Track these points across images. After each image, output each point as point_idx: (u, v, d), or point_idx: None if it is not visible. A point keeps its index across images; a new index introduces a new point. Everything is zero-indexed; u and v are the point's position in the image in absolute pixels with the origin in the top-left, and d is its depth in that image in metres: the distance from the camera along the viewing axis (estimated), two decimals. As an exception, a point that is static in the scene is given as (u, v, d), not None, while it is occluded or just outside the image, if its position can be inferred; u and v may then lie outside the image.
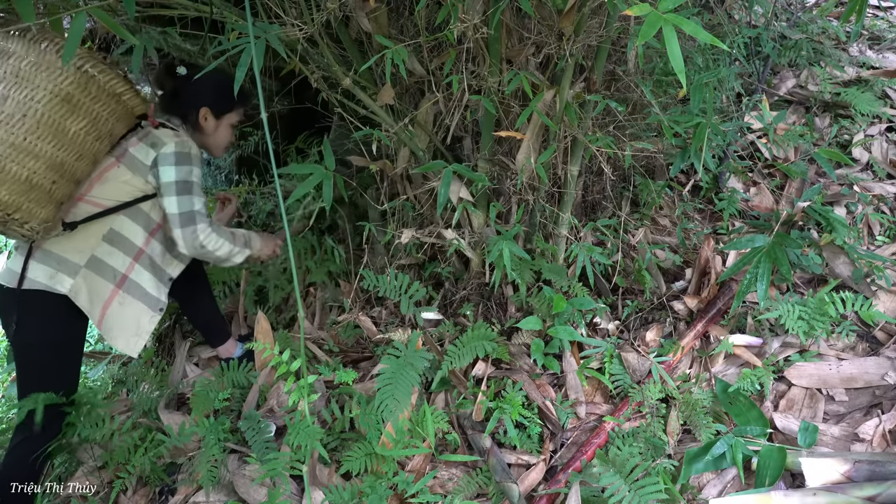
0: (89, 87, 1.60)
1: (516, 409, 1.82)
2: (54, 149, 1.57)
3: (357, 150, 2.19)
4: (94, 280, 1.77)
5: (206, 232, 1.81)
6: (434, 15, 1.78)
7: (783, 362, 1.93)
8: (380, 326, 2.32)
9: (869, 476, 1.51)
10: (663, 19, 1.09)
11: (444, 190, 1.80)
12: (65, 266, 1.73)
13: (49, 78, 1.53)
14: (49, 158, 1.56)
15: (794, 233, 2.26)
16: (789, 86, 3.06)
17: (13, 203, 1.53)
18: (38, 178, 1.56)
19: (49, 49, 1.53)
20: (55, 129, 1.56)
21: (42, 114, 1.53)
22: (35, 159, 1.54)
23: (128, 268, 1.82)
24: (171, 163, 1.77)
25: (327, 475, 1.77)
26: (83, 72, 1.58)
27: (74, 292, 1.73)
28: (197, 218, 1.80)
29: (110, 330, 1.81)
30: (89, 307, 1.76)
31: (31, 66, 1.51)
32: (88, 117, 1.62)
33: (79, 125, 1.61)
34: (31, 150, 1.52)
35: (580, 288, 2.07)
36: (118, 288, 1.81)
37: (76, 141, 1.62)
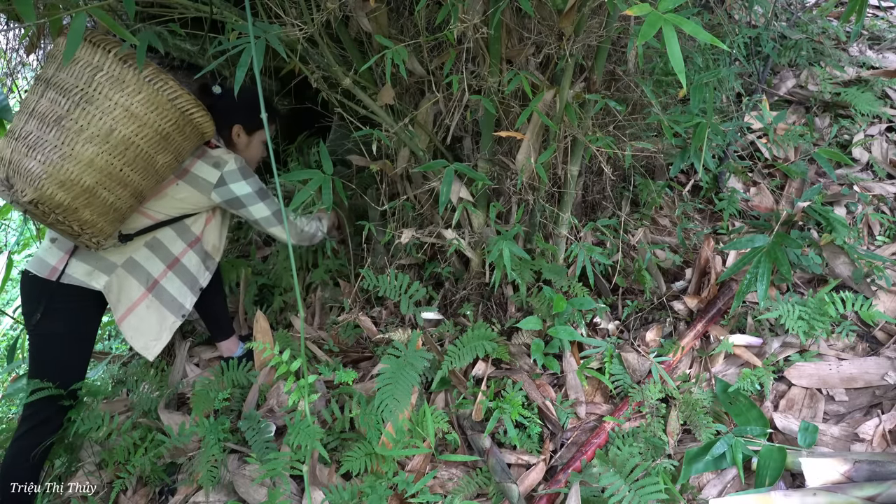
0: (186, 128, 1.71)
1: (516, 409, 1.82)
2: (141, 178, 1.67)
3: (357, 150, 2.19)
4: (126, 279, 1.86)
5: (300, 225, 2.07)
6: (434, 15, 1.78)
7: (783, 362, 1.93)
8: (380, 326, 2.32)
9: (869, 476, 1.51)
10: (663, 19, 1.09)
11: (445, 189, 1.80)
12: (102, 264, 1.82)
13: (157, 118, 1.62)
14: (135, 187, 1.67)
15: (794, 233, 2.26)
16: (789, 86, 3.06)
17: (92, 222, 1.63)
18: (120, 203, 1.66)
19: (163, 90, 1.62)
20: (147, 162, 1.66)
21: (142, 149, 1.62)
22: (124, 188, 1.64)
23: (160, 274, 1.92)
24: (240, 178, 1.90)
25: (327, 475, 1.77)
26: (186, 115, 1.68)
27: (107, 289, 1.82)
28: (283, 214, 1.91)
29: (132, 330, 1.88)
30: (116, 304, 1.86)
31: (143, 104, 1.60)
32: (175, 152, 1.73)
33: (166, 159, 1.71)
34: (123, 180, 1.63)
35: (580, 288, 2.07)
36: (148, 292, 1.90)
37: (160, 172, 1.72)
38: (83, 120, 1.54)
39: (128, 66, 1.59)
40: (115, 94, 1.56)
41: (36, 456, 1.81)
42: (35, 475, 1.83)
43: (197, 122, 1.73)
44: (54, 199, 1.52)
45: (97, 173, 1.56)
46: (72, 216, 1.57)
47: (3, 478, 1.78)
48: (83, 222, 1.61)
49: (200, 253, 2.00)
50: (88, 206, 1.58)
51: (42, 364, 1.83)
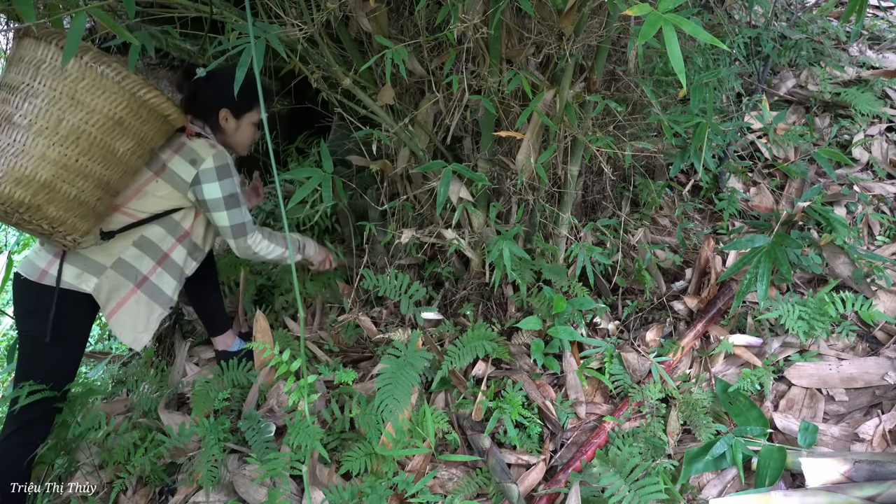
0: (141, 111, 1.65)
1: (516, 409, 1.82)
2: (103, 168, 1.62)
3: (357, 150, 2.19)
4: (116, 279, 1.83)
5: (258, 240, 1.93)
6: (434, 15, 1.78)
7: (783, 362, 1.93)
8: (380, 326, 2.32)
9: (869, 476, 1.51)
10: (663, 19, 1.09)
11: (443, 189, 1.80)
12: (91, 266, 1.80)
13: (105, 103, 1.57)
14: (98, 178, 1.62)
15: (794, 233, 2.26)
16: (789, 86, 3.06)
17: (60, 218, 1.59)
18: (85, 196, 1.61)
19: (106, 73, 1.56)
20: (106, 150, 1.61)
21: (95, 136, 1.58)
22: (85, 179, 1.59)
23: (150, 270, 1.89)
24: (214, 178, 1.82)
25: (327, 475, 1.77)
26: (137, 97, 1.62)
27: (97, 291, 1.79)
28: (247, 228, 1.90)
29: (120, 325, 1.86)
30: (105, 302, 1.83)
31: (88, 90, 1.55)
32: (136, 138, 1.67)
33: (127, 146, 1.65)
34: (82, 171, 1.58)
35: (580, 288, 2.07)
36: (137, 288, 1.87)
37: (123, 160, 1.67)
38: (31, 114, 1.51)
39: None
40: (58, 83, 1.52)
41: (25, 458, 1.79)
42: (24, 476, 1.81)
43: (151, 103, 1.65)
44: (13, 197, 1.49)
45: (52, 166, 1.53)
46: (37, 214, 1.54)
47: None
48: (51, 220, 1.57)
49: (189, 245, 1.96)
50: (51, 201, 1.55)
51: (30, 366, 1.81)
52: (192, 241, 1.96)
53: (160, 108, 1.69)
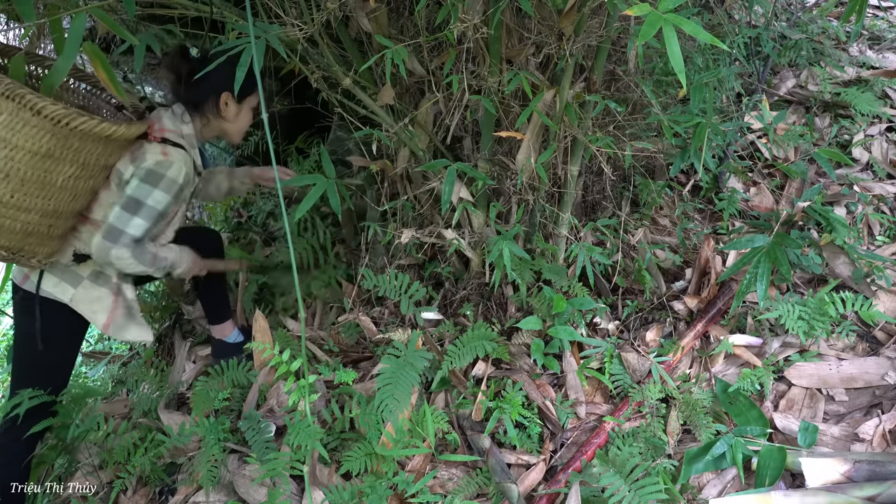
0: (70, 140, 1.52)
1: (516, 409, 1.82)
2: (44, 200, 1.57)
3: (357, 150, 2.19)
4: (95, 290, 1.82)
5: (122, 255, 1.72)
6: (434, 15, 1.78)
7: (783, 362, 1.93)
8: (380, 326, 2.32)
9: (869, 476, 1.51)
10: (663, 19, 1.09)
11: (447, 189, 1.80)
12: (69, 276, 1.79)
13: (26, 137, 1.46)
14: (41, 209, 1.57)
15: (794, 233, 2.26)
16: (789, 86, 3.06)
17: (15, 247, 1.60)
18: (33, 227, 1.59)
19: (22, 106, 1.43)
20: (41, 183, 1.54)
21: (25, 172, 1.50)
22: (27, 212, 1.55)
23: (117, 275, 1.86)
24: (139, 177, 1.70)
25: (327, 475, 1.77)
26: (61, 126, 1.48)
27: (76, 302, 1.79)
28: (122, 239, 1.71)
29: (119, 329, 1.86)
30: (92, 315, 1.82)
31: (5, 127, 1.44)
32: (76, 164, 1.58)
33: (66, 174, 1.58)
34: (21, 206, 1.53)
35: (580, 288, 2.07)
36: (116, 295, 1.86)
37: (66, 187, 1.60)
38: None
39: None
40: None
41: (23, 458, 1.82)
42: (21, 476, 1.83)
43: (82, 129, 1.51)
44: None
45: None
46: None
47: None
48: (6, 248, 1.58)
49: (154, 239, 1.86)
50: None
51: (19, 371, 1.83)
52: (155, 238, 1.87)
53: (96, 132, 1.54)
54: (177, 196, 1.77)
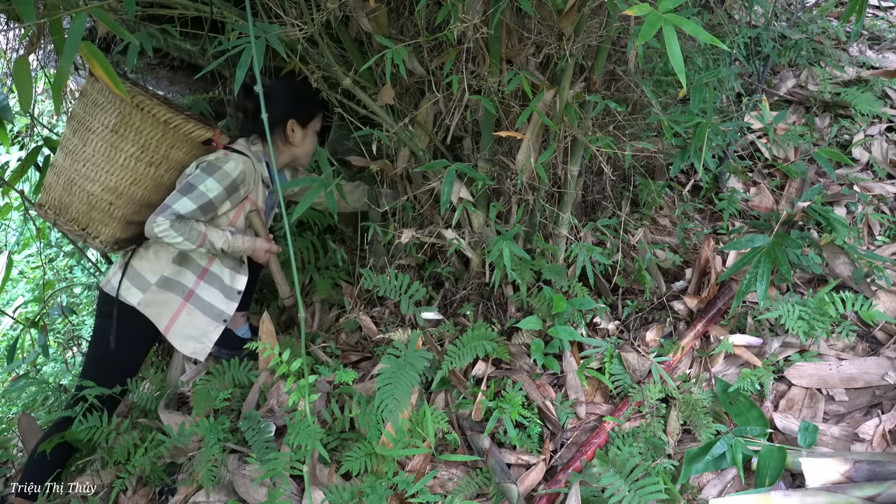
0: (132, 117, 1.79)
1: (516, 409, 1.82)
2: (107, 174, 1.83)
3: (357, 150, 2.19)
4: (163, 295, 1.96)
5: (164, 224, 1.79)
6: (434, 15, 1.78)
7: (783, 362, 1.93)
8: (380, 326, 2.32)
9: (869, 476, 1.51)
10: (663, 19, 1.09)
11: (447, 189, 1.80)
12: (138, 281, 1.95)
13: (101, 112, 1.79)
14: (103, 182, 1.83)
15: (794, 233, 2.26)
16: (789, 86, 3.06)
17: (82, 219, 1.88)
18: (95, 199, 1.85)
19: (102, 88, 1.77)
20: (107, 156, 1.82)
21: (97, 143, 1.81)
22: (92, 182, 1.83)
23: (194, 284, 1.99)
24: (198, 167, 1.89)
25: (327, 475, 1.77)
26: (123, 101, 1.77)
27: (143, 305, 1.95)
28: (166, 212, 1.81)
29: (178, 337, 2.00)
30: (157, 318, 1.97)
31: (92, 105, 1.80)
32: (136, 144, 1.82)
33: (128, 152, 1.82)
34: (88, 175, 1.83)
35: (580, 288, 2.07)
36: (186, 301, 1.99)
37: (127, 167, 1.83)
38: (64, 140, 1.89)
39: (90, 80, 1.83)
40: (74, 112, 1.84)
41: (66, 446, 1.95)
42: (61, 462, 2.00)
43: (142, 107, 1.78)
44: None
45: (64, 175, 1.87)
46: (63, 214, 1.89)
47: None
48: (76, 221, 1.88)
49: (229, 261, 2.04)
50: (70, 204, 1.87)
51: (90, 361, 2.01)
52: (229, 255, 2.02)
53: (153, 113, 1.80)
54: (229, 191, 1.90)
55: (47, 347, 2.78)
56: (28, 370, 2.99)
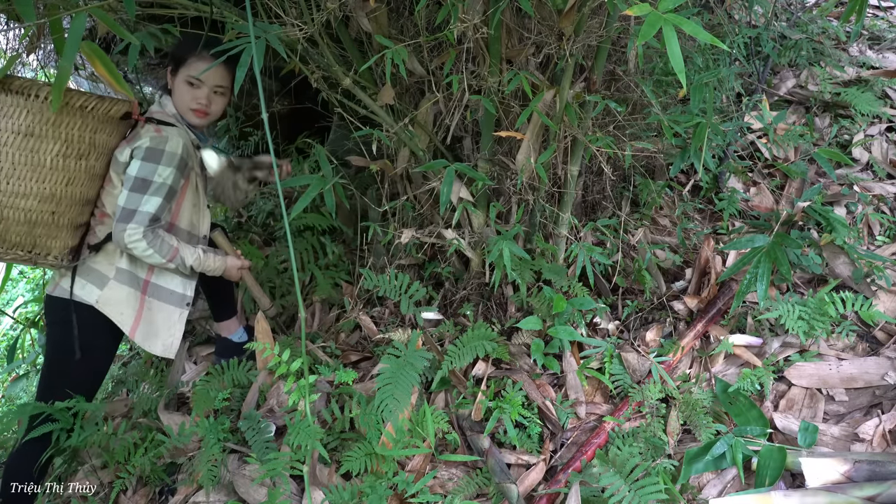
0: (44, 113, 1.57)
1: (516, 409, 1.82)
2: (38, 183, 1.61)
3: (357, 150, 2.19)
4: (121, 290, 1.80)
5: (135, 235, 1.69)
6: (434, 15, 1.78)
7: (783, 362, 1.93)
8: (380, 326, 2.32)
9: (869, 476, 1.51)
10: (663, 19, 1.09)
11: (446, 189, 1.80)
12: (93, 277, 1.79)
13: (6, 119, 1.54)
14: (37, 194, 1.61)
15: (794, 233, 2.26)
16: (789, 86, 3.06)
17: (26, 242, 1.65)
18: (35, 215, 1.63)
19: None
20: (31, 165, 1.59)
21: (14, 154, 1.56)
22: (24, 198, 1.60)
23: (148, 273, 1.85)
24: (140, 157, 1.71)
25: (327, 475, 1.77)
26: (30, 99, 1.54)
27: (102, 303, 1.77)
28: (136, 217, 1.69)
29: (145, 338, 1.85)
30: (120, 318, 1.80)
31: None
32: (58, 141, 1.61)
33: (52, 152, 1.61)
34: (17, 191, 1.59)
35: (580, 288, 2.07)
36: (144, 295, 1.84)
37: (57, 167, 1.63)
38: None
39: None
40: None
41: (37, 459, 1.79)
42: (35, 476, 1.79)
43: (50, 99, 1.53)
44: None
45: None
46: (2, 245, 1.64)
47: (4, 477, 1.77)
48: (20, 246, 1.65)
49: (182, 235, 1.86)
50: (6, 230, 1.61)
51: (53, 375, 1.81)
52: (180, 228, 1.86)
53: (65, 103, 1.58)
54: (181, 169, 1.76)
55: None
56: (28, 370, 2.99)
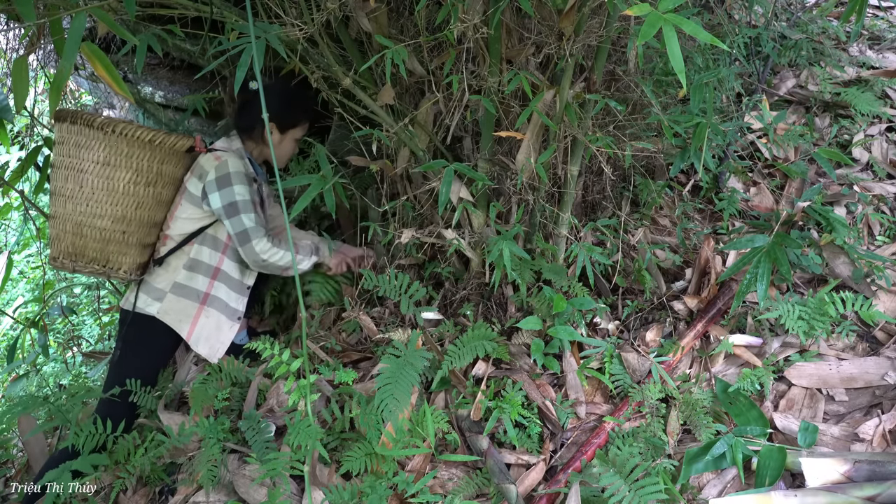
0: (119, 146, 1.88)
1: (516, 409, 1.82)
2: (112, 205, 1.91)
3: (357, 150, 2.19)
4: (179, 302, 2.04)
5: (263, 246, 1.99)
6: (434, 15, 1.78)
7: (783, 362, 1.93)
8: (380, 326, 2.32)
9: (869, 476, 1.51)
10: (663, 19, 1.09)
11: (445, 189, 1.80)
12: (153, 292, 2.05)
13: (87, 151, 1.87)
14: (111, 214, 1.92)
15: (794, 233, 2.26)
16: (789, 86, 3.06)
17: (101, 258, 1.95)
18: (108, 233, 1.93)
19: (81, 129, 1.87)
20: (107, 189, 1.90)
21: (93, 180, 1.88)
22: (101, 218, 1.91)
23: (208, 286, 2.07)
24: (215, 189, 1.95)
25: (327, 475, 1.77)
26: (108, 133, 1.86)
27: (162, 313, 2.04)
28: (251, 234, 1.98)
29: (197, 340, 2.07)
30: (178, 325, 2.05)
31: (75, 147, 1.88)
32: (130, 169, 1.91)
33: (125, 179, 1.91)
34: (95, 212, 1.90)
35: (580, 288, 2.07)
36: (202, 305, 2.07)
37: (129, 192, 1.92)
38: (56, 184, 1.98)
39: (62, 124, 1.92)
40: (59, 151, 1.94)
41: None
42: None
43: (126, 134, 1.87)
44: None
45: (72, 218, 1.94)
46: (81, 259, 1.97)
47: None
48: (96, 261, 1.95)
49: (236, 255, 2.10)
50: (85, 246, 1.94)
51: (113, 373, 2.07)
52: (235, 250, 2.08)
53: (135, 137, 1.89)
54: (249, 182, 2.00)
55: (47, 347, 2.78)
56: (28, 370, 2.99)
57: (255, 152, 2.16)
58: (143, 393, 2.06)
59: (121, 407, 2.05)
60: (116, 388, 2.03)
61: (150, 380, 2.13)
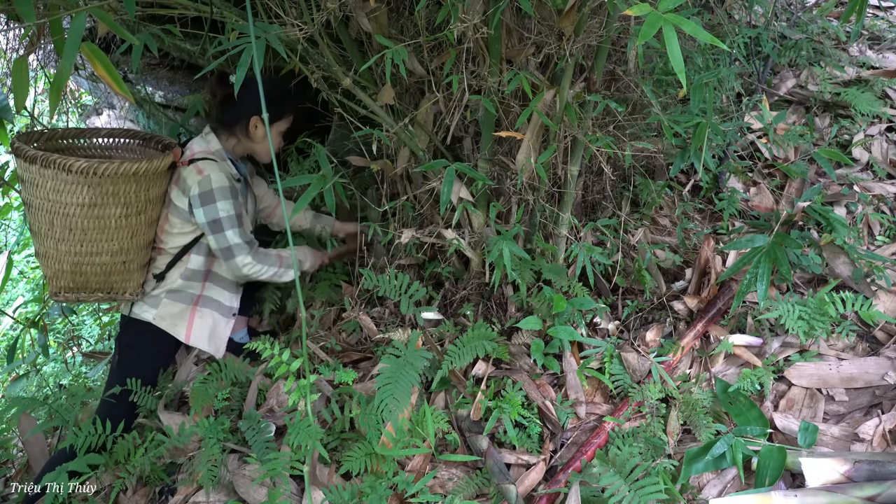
0: (103, 186, 1.79)
1: (516, 409, 1.82)
2: (108, 242, 1.88)
3: (357, 150, 2.19)
4: (174, 306, 2.07)
5: (246, 262, 1.99)
6: (434, 15, 1.78)
7: (783, 362, 1.93)
8: (380, 326, 2.32)
9: (869, 476, 1.51)
10: (663, 19, 1.09)
11: (446, 189, 1.80)
12: (149, 300, 2.07)
13: (70, 195, 1.77)
14: (108, 250, 1.88)
15: (794, 233, 2.26)
16: (789, 86, 3.06)
17: (104, 287, 1.94)
18: (109, 266, 1.91)
19: (57, 173, 1.74)
20: (99, 229, 1.84)
21: (82, 222, 1.81)
22: (99, 255, 1.87)
23: (201, 288, 2.11)
24: (199, 205, 1.93)
25: (327, 475, 1.77)
26: (90, 176, 1.76)
27: (158, 319, 2.06)
28: (234, 251, 1.97)
29: (197, 340, 2.10)
30: (174, 329, 2.07)
31: (55, 192, 1.76)
32: (119, 205, 1.85)
33: (115, 215, 1.85)
34: (92, 251, 1.86)
35: (580, 288, 2.07)
36: (195, 306, 2.10)
37: (121, 226, 1.88)
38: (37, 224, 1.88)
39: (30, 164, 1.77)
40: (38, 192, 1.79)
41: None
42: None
43: (109, 174, 1.77)
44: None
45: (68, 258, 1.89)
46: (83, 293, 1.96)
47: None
48: (100, 289, 1.95)
49: None
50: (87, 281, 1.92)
51: (114, 376, 2.09)
52: None
53: (120, 173, 1.79)
54: (233, 194, 1.98)
55: (47, 347, 2.78)
56: (28, 370, 2.99)
57: (238, 148, 2.11)
58: (144, 393, 2.08)
59: (121, 408, 2.06)
60: (117, 388, 2.04)
61: (151, 381, 2.14)
